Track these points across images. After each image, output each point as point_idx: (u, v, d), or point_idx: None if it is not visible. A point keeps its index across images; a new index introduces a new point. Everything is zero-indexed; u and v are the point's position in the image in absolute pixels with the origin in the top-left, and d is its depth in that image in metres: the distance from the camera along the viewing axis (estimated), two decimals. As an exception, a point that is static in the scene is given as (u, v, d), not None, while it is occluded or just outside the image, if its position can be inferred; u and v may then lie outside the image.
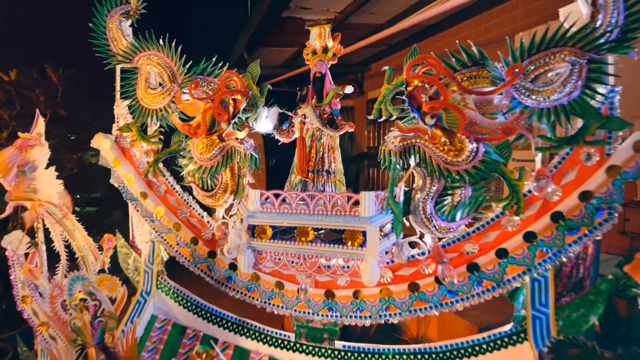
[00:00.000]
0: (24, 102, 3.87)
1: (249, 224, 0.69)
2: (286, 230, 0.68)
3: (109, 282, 0.79)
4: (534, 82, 0.64)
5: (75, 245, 0.95)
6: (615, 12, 0.62)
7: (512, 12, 3.62)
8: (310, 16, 4.56)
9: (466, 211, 0.69)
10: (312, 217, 0.65)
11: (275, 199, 0.67)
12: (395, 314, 0.74)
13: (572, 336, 0.54)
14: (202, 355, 0.67)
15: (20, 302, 0.98)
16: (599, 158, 0.65)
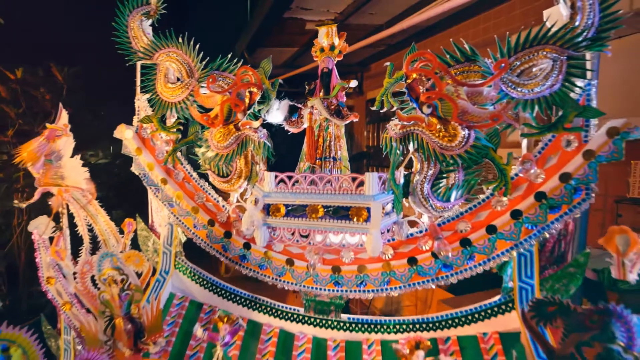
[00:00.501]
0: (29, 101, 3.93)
1: (265, 203, 0.76)
2: (298, 208, 0.75)
3: (136, 258, 0.86)
4: (519, 76, 0.72)
5: (97, 229, 1.02)
6: (591, 14, 0.70)
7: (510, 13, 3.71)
8: (310, 17, 4.63)
9: (459, 193, 0.76)
10: (321, 196, 0.72)
11: (288, 180, 0.75)
12: (395, 287, 0.81)
13: (550, 295, 0.62)
14: (224, 319, 0.74)
15: (45, 283, 1.05)
16: (577, 144, 0.72)
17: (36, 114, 3.94)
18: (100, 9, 1.00)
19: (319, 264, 0.81)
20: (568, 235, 0.77)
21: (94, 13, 5.11)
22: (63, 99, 4.02)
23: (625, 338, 0.54)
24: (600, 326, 0.54)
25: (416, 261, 0.78)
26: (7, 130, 3.85)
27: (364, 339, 0.84)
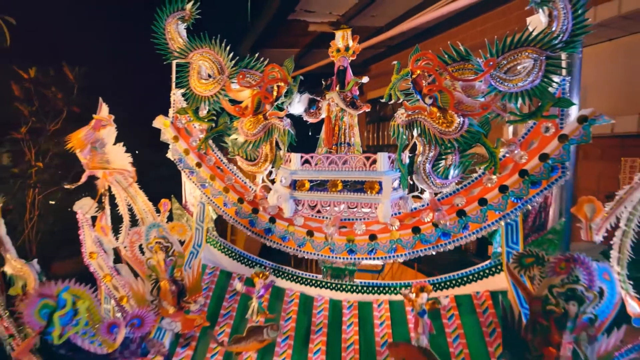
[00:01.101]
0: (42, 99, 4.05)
1: (292, 179, 0.90)
2: (320, 183, 0.88)
3: (180, 228, 0.99)
4: (506, 73, 0.85)
5: (136, 208, 1.15)
6: (565, 21, 0.83)
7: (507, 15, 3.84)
8: (313, 19, 4.77)
9: (456, 172, 0.90)
10: (340, 173, 0.86)
11: (312, 160, 0.88)
12: (401, 254, 0.95)
13: (528, 249, 0.75)
14: (260, 274, 0.87)
15: (88, 257, 1.18)
16: (554, 130, 0.86)
17: (47, 112, 4.06)
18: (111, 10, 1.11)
19: (335, 234, 0.94)
20: (547, 207, 0.91)
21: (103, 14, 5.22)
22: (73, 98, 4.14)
23: (586, 280, 0.67)
24: (567, 271, 0.68)
25: (419, 230, 0.91)
26: (20, 128, 3.97)
27: (374, 300, 0.97)
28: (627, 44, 3.42)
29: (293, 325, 0.94)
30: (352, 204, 0.89)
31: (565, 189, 1.35)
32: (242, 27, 9.35)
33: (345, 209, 0.91)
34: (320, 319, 0.96)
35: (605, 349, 0.69)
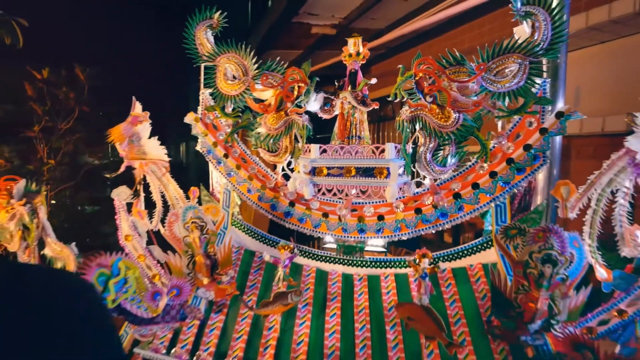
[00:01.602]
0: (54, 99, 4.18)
1: (312, 167, 1.04)
2: (336, 170, 1.02)
3: (213, 209, 1.13)
4: (495, 75, 0.99)
5: (168, 195, 1.29)
6: (545, 32, 0.97)
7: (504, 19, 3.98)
8: (316, 21, 4.92)
9: (453, 161, 1.04)
10: (353, 160, 1.00)
11: (329, 150, 1.02)
12: (405, 233, 1.09)
13: (512, 223, 0.89)
14: (285, 247, 1.01)
15: (124, 240, 1.31)
16: (536, 124, 1.00)
17: (59, 112, 4.20)
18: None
19: (348, 215, 1.08)
20: (532, 191, 1.05)
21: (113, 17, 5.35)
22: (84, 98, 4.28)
23: (559, 247, 0.81)
24: (544, 240, 0.82)
25: (421, 211, 1.05)
26: (33, 126, 4.10)
27: (382, 273, 1.11)
28: (618, 47, 3.58)
29: (311, 295, 1.08)
30: (364, 187, 1.03)
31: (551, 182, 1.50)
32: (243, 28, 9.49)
33: (358, 192, 1.05)
34: (335, 289, 1.10)
35: (575, 304, 0.83)
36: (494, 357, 0.86)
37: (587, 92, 3.84)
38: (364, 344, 0.94)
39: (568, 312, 0.83)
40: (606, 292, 0.94)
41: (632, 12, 2.92)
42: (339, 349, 0.94)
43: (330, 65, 4.97)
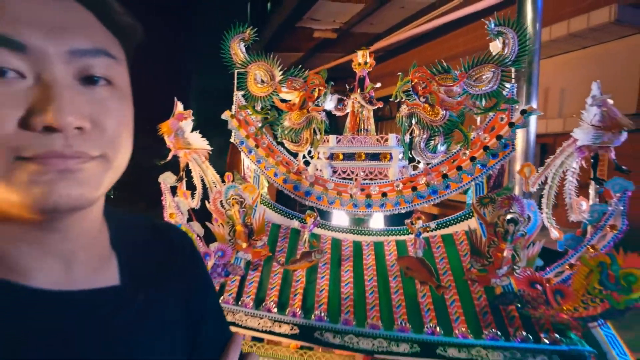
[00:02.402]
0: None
1: (330, 153, 1.30)
2: (350, 155, 1.28)
3: (250, 188, 1.38)
4: (474, 81, 1.26)
5: (207, 179, 1.54)
6: (513, 47, 1.24)
7: (487, 27, 4.27)
8: (318, 26, 5.20)
9: (442, 148, 1.30)
10: (363, 147, 1.26)
11: (343, 139, 1.29)
12: (404, 207, 1.35)
13: (486, 194, 1.15)
14: (310, 215, 1.27)
15: (168, 217, 1.57)
16: (506, 119, 1.26)
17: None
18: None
19: (358, 193, 1.35)
20: (503, 172, 1.32)
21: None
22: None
23: (520, 210, 1.08)
24: (508, 205, 1.08)
25: (416, 189, 1.32)
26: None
27: (385, 240, 1.38)
28: (597, 52, 3.90)
29: (328, 257, 1.34)
30: (370, 167, 1.30)
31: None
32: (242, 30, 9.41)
33: (367, 173, 1.32)
34: (347, 252, 1.36)
35: (531, 253, 1.10)
36: (471, 295, 1.13)
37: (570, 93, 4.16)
38: (371, 290, 1.21)
39: (526, 259, 1.10)
40: (560, 251, 1.21)
41: (607, 21, 3.22)
42: (352, 295, 1.20)
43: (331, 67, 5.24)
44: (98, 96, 0.44)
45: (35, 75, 0.40)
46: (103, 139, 0.43)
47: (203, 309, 0.62)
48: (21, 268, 0.44)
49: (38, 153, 0.39)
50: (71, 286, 0.47)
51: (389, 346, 1.07)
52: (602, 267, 0.90)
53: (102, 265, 0.53)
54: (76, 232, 0.48)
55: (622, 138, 1.13)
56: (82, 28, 0.43)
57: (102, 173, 0.44)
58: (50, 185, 0.40)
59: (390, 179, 1.29)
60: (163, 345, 0.54)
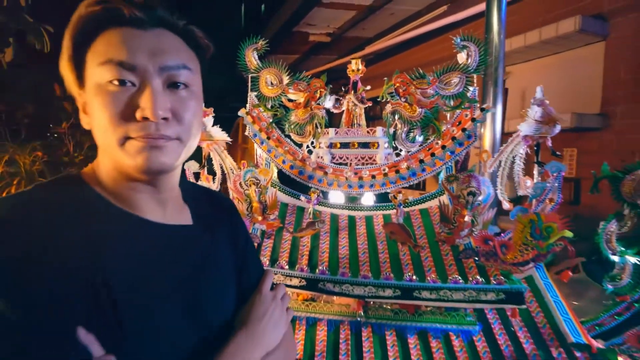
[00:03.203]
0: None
1: (330, 142, 1.60)
2: (345, 144, 1.58)
3: (265, 171, 1.67)
4: (445, 85, 1.57)
5: (225, 167, 1.83)
6: (476, 58, 1.56)
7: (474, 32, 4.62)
8: (314, 30, 5.49)
9: (419, 139, 1.61)
10: (356, 137, 1.56)
11: (340, 131, 1.59)
12: (389, 187, 1.66)
13: (453, 172, 1.46)
14: (315, 192, 1.57)
15: (192, 198, 1.85)
16: (469, 115, 1.58)
17: (80, 110, 4.64)
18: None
19: (352, 176, 1.65)
20: (467, 158, 1.63)
21: None
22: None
23: (476, 185, 1.39)
24: (468, 181, 1.40)
25: (399, 172, 1.63)
26: (62, 123, 4.55)
27: (374, 214, 1.68)
28: (566, 58, 4.28)
29: (328, 227, 1.64)
30: (362, 154, 1.60)
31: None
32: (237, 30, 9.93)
33: (359, 159, 1.63)
34: (343, 224, 1.66)
35: (486, 218, 1.41)
36: (440, 252, 1.44)
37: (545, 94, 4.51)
38: (363, 251, 1.51)
39: (482, 223, 1.41)
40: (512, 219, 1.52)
41: (573, 30, 3.59)
42: (348, 255, 1.50)
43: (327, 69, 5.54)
44: (179, 97, 0.72)
45: (140, 84, 0.68)
46: (180, 127, 0.72)
47: (245, 250, 0.91)
48: (139, 207, 0.73)
49: (139, 135, 0.67)
50: (166, 221, 0.76)
51: (377, 292, 1.38)
52: (532, 224, 1.21)
53: (181, 211, 0.82)
54: (165, 187, 0.77)
55: (557, 130, 1.45)
56: (171, 50, 0.71)
57: (178, 150, 0.73)
58: (146, 155, 0.68)
59: (378, 164, 1.59)
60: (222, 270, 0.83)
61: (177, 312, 0.68)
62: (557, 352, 1.29)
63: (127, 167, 0.69)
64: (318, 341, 1.46)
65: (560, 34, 3.67)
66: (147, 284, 0.65)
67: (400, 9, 4.72)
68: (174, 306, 0.68)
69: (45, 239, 0.57)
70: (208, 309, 0.73)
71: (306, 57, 6.46)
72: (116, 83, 0.66)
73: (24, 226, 0.57)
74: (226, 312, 0.78)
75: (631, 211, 1.41)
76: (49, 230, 0.59)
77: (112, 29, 0.67)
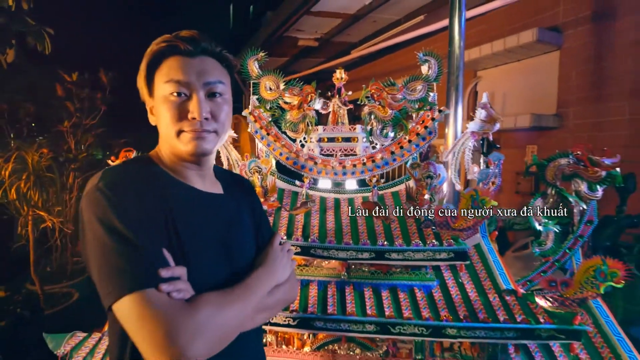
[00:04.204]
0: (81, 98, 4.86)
1: (319, 137, 1.96)
2: (332, 139, 1.94)
3: (266, 161, 2.01)
4: (411, 90, 1.94)
5: (231, 158, 2.15)
6: (436, 70, 1.94)
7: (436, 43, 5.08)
8: (302, 35, 5.84)
9: (391, 135, 1.98)
10: (341, 133, 1.92)
11: (327, 128, 1.95)
12: (367, 174, 2.03)
13: (415, 161, 1.84)
14: (307, 177, 1.91)
15: (202, 185, 2.17)
16: (431, 115, 1.95)
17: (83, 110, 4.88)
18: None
19: (337, 165, 2.01)
20: (429, 150, 2.02)
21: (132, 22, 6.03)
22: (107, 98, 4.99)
23: (434, 170, 1.77)
24: (427, 167, 1.77)
25: (375, 161, 2.00)
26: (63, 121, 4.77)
27: (355, 197, 2.05)
28: (527, 64, 4.76)
29: (317, 207, 2.00)
30: (345, 147, 1.97)
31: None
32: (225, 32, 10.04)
33: (343, 152, 1.99)
34: (330, 205, 2.01)
35: (440, 197, 1.79)
36: (406, 223, 1.82)
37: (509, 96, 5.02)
38: (346, 225, 1.87)
39: (438, 200, 1.79)
40: (464, 198, 1.91)
41: (531, 40, 4.05)
42: (334, 228, 1.86)
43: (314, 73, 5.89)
44: (216, 103, 1.07)
45: (190, 95, 1.03)
46: (217, 124, 1.07)
47: (260, 217, 1.26)
48: (188, 179, 1.07)
49: (189, 129, 1.02)
50: (205, 189, 1.10)
51: (357, 255, 1.74)
52: (472, 198, 1.60)
53: (215, 184, 1.17)
54: (205, 166, 1.11)
55: (496, 127, 1.84)
56: (210, 71, 1.06)
57: (215, 140, 1.08)
58: (194, 143, 1.03)
59: (358, 155, 1.96)
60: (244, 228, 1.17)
61: (216, 252, 1.02)
62: (492, 297, 1.68)
63: (181, 151, 1.03)
64: (310, 297, 1.81)
65: (521, 44, 4.12)
66: (197, 230, 1.00)
67: (382, 17, 5.11)
68: (214, 248, 1.03)
69: (139, 194, 0.91)
70: (236, 252, 1.08)
71: (295, 60, 6.79)
72: (175, 95, 1.01)
73: (127, 185, 0.91)
74: (248, 257, 1.12)
75: (552, 190, 1.82)
76: (140, 189, 0.93)
77: (172, 58, 1.01)
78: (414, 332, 1.60)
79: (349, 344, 1.82)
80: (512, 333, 1.53)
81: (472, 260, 1.83)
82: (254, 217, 1.15)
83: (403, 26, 4.85)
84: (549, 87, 4.38)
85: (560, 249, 1.85)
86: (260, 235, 1.15)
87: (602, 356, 1.58)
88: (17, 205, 3.79)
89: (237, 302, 0.88)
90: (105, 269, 0.78)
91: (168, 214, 0.90)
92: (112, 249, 0.78)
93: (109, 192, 0.82)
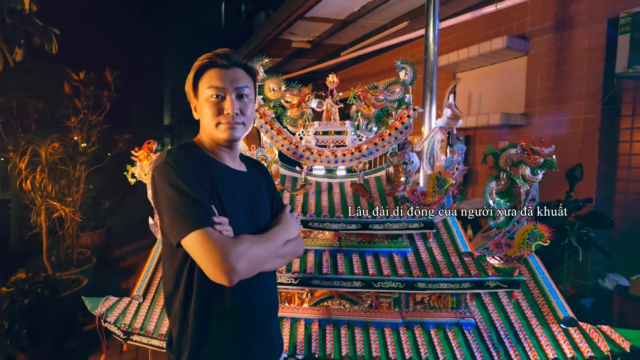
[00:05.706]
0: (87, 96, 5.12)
1: (315, 130, 2.34)
2: (326, 132, 2.32)
3: (270, 151, 2.37)
4: (391, 93, 2.34)
5: (239, 149, 2.52)
6: (410, 75, 2.33)
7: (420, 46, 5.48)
8: (295, 38, 6.19)
9: (375, 129, 2.37)
10: (333, 127, 2.30)
11: (321, 123, 2.33)
12: (354, 162, 2.42)
13: (394, 151, 2.23)
14: (305, 164, 2.29)
15: (214, 172, 2.53)
16: (407, 113, 2.35)
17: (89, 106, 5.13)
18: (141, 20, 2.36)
19: (330, 153, 2.40)
20: (406, 142, 2.42)
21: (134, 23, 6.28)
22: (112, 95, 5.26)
23: (408, 157, 2.16)
24: (403, 155, 2.17)
25: (361, 151, 2.39)
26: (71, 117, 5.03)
27: (345, 181, 2.44)
28: (500, 68, 5.24)
29: (313, 189, 2.38)
30: (336, 139, 2.36)
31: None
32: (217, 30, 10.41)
33: (335, 143, 2.38)
34: (324, 188, 2.40)
35: (414, 179, 2.20)
36: (386, 200, 2.22)
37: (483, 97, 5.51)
38: (337, 202, 2.26)
39: (411, 182, 2.20)
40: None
41: (502, 46, 4.50)
42: (327, 206, 2.25)
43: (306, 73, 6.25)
44: (244, 102, 1.44)
45: (225, 96, 1.41)
46: (244, 118, 1.45)
47: (274, 192, 1.64)
48: (223, 159, 1.44)
49: (225, 122, 1.39)
50: (235, 167, 1.48)
51: (346, 226, 2.14)
52: (436, 179, 2.01)
53: (240, 164, 1.55)
54: (235, 150, 1.49)
55: (459, 123, 2.26)
56: (240, 78, 1.44)
57: (243, 130, 1.46)
58: (228, 132, 1.41)
59: (347, 146, 2.35)
60: (263, 198, 1.55)
61: (244, 213, 1.40)
62: (454, 258, 2.10)
63: (218, 138, 1.41)
64: (309, 262, 2.20)
65: (493, 49, 4.57)
66: (231, 195, 1.38)
67: (370, 22, 5.51)
68: (243, 209, 1.40)
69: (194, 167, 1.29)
70: (257, 214, 1.46)
71: (288, 60, 7.15)
72: (214, 97, 1.38)
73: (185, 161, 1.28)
74: (266, 219, 1.51)
75: (504, 174, 2.24)
76: (194, 164, 1.30)
77: (212, 69, 1.38)
78: (392, 287, 2.00)
79: (340, 300, 2.22)
80: (468, 285, 1.95)
81: (439, 231, 2.24)
82: (269, 191, 1.52)
83: (389, 31, 5.26)
84: (517, 88, 4.86)
85: (510, 221, 2.28)
86: (274, 205, 1.51)
87: (537, 302, 2.02)
88: (32, 196, 4.07)
89: (263, 243, 1.25)
90: (176, 216, 1.13)
91: (212, 183, 1.26)
92: (181, 203, 1.14)
93: (175, 165, 1.18)
